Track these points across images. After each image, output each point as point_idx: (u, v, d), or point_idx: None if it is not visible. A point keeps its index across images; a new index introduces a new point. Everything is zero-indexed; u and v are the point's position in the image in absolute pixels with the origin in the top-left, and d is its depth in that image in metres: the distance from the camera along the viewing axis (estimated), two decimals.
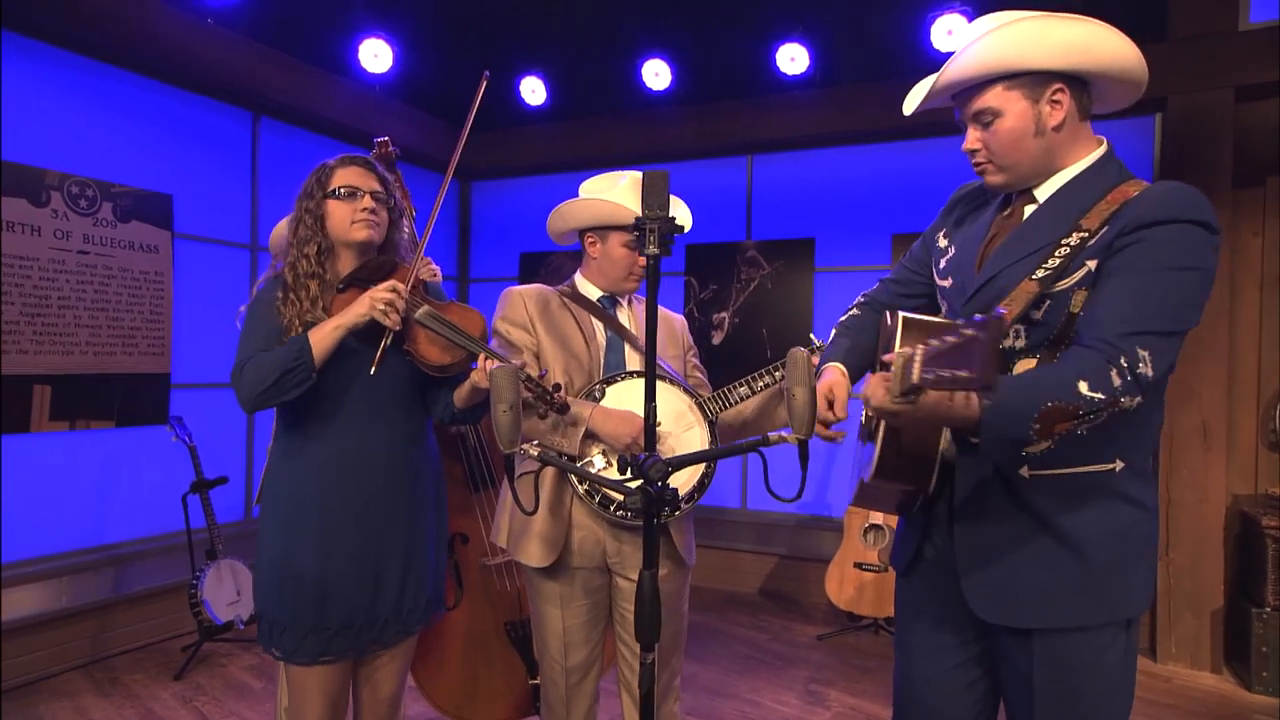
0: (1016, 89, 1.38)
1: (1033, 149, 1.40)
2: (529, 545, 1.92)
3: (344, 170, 1.82)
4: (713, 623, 4.21)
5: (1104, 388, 1.21)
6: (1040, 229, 1.41)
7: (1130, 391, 1.23)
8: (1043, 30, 1.35)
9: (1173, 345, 1.29)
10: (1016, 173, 1.44)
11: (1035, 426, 1.20)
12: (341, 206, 1.80)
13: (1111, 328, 1.26)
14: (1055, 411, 1.20)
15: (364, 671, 1.91)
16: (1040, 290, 1.34)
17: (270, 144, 4.33)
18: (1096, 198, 1.38)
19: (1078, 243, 1.35)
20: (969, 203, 1.63)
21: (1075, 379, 1.21)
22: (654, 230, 1.35)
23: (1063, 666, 1.39)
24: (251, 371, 1.73)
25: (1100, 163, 1.43)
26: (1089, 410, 1.22)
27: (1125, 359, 1.23)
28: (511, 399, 1.42)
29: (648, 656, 1.39)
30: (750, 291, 4.88)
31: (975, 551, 1.44)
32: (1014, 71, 1.37)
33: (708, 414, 1.97)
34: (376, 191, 1.84)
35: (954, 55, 1.40)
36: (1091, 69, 1.37)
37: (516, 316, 2.01)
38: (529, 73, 4.78)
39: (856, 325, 1.68)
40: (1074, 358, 1.26)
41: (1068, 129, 1.40)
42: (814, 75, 4.33)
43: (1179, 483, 3.77)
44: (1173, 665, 3.71)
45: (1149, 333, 1.25)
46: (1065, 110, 1.38)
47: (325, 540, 1.77)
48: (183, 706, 3.06)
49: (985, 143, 1.43)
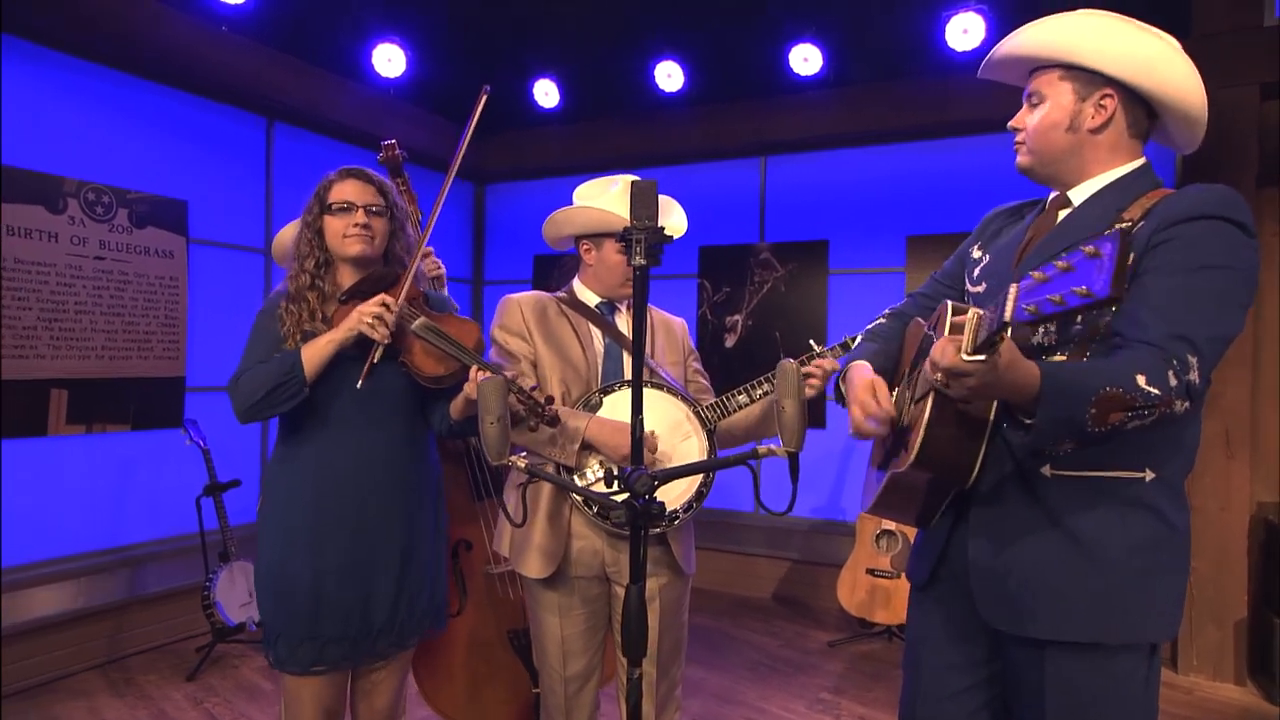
0: (1069, 81, 1.38)
1: (1060, 143, 1.40)
2: (529, 557, 1.91)
3: (341, 184, 1.83)
4: (725, 628, 4.18)
5: (1161, 385, 1.18)
6: (1077, 226, 1.39)
7: (1182, 395, 1.20)
8: (1112, 32, 1.34)
9: (1218, 352, 1.26)
10: (1040, 160, 1.44)
11: (1092, 410, 1.16)
12: (336, 221, 1.81)
13: (1158, 329, 1.23)
14: (1112, 398, 1.17)
15: (360, 684, 1.92)
16: None
17: (284, 148, 4.37)
18: (1135, 197, 1.37)
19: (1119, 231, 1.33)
20: (1006, 217, 1.63)
21: (1134, 371, 1.18)
22: (640, 241, 1.33)
23: (1077, 689, 1.34)
24: (246, 384, 1.75)
25: (1138, 172, 1.41)
26: (1145, 404, 1.18)
27: (1177, 361, 1.20)
28: (499, 411, 1.41)
29: (635, 671, 1.38)
30: (764, 294, 4.85)
31: (988, 552, 1.39)
32: (1069, 63, 1.37)
33: (705, 423, 1.94)
34: (372, 205, 1.83)
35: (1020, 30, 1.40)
36: (1147, 87, 1.35)
37: (513, 325, 2.00)
38: (542, 75, 4.78)
39: (884, 333, 1.65)
40: (1129, 354, 1.23)
41: (1107, 136, 1.39)
42: (827, 75, 4.28)
43: (1200, 490, 3.68)
44: (1194, 677, 3.63)
45: (1196, 337, 1.22)
46: (1108, 117, 1.37)
47: (318, 550, 1.77)
48: (194, 708, 3.09)
49: (1026, 123, 1.44)
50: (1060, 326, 1.36)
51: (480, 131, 6.06)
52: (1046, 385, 1.17)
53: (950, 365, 1.15)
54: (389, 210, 1.87)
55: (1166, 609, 1.34)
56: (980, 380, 1.14)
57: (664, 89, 4.57)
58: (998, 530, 1.39)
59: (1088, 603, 1.32)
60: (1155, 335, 1.22)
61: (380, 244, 1.85)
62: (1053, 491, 1.34)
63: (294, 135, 4.42)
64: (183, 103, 3.86)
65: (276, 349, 1.79)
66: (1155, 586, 1.33)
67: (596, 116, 5.15)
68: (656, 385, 1.95)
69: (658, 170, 5.21)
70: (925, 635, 1.55)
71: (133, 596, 3.59)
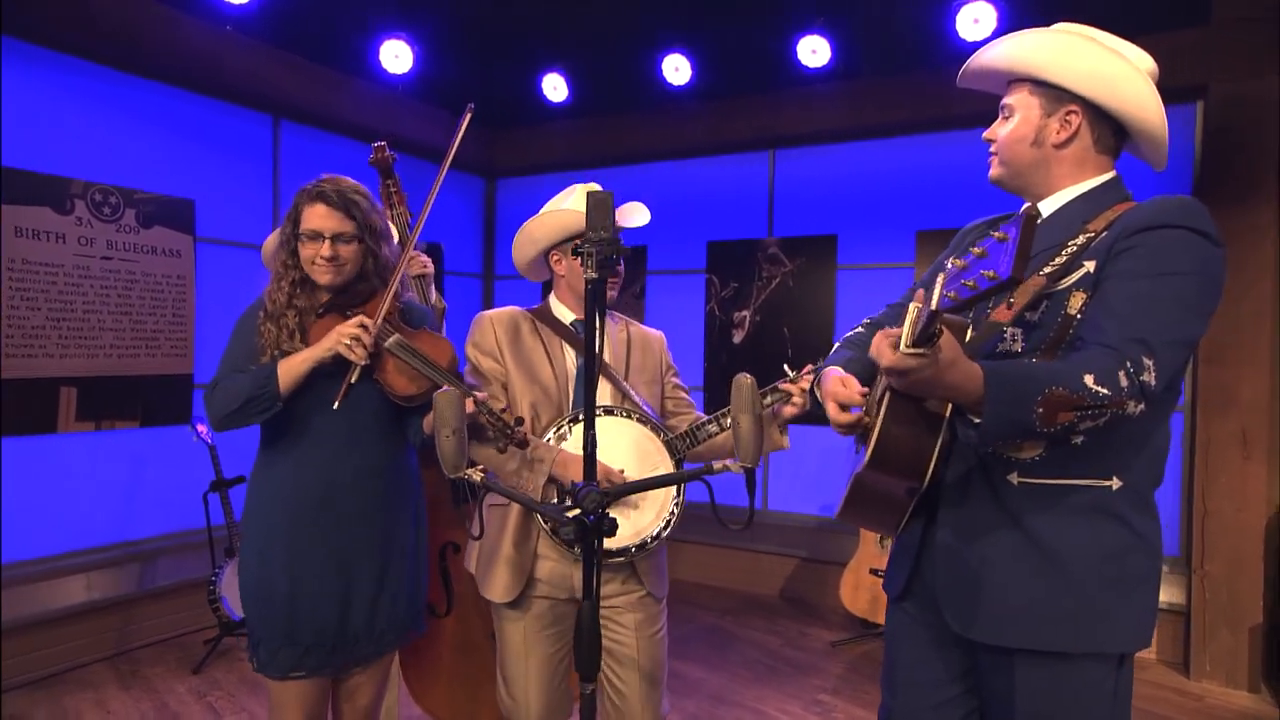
0: (1038, 96, 1.41)
1: (1026, 156, 1.43)
2: (494, 580, 1.90)
3: (311, 209, 1.79)
4: (728, 626, 4.17)
5: (1111, 385, 1.18)
6: (1045, 235, 1.40)
7: (1135, 396, 1.20)
8: (1078, 51, 1.36)
9: (1178, 356, 1.25)
10: (1009, 171, 1.47)
11: (1039, 410, 1.17)
12: (305, 248, 1.80)
13: (1115, 332, 1.23)
14: (1059, 398, 1.17)
15: (343, 688, 1.94)
16: (1045, 286, 1.32)
17: (292, 146, 4.40)
18: (1102, 209, 1.38)
19: (1083, 241, 1.34)
20: (980, 232, 1.63)
21: (1083, 371, 1.19)
22: (592, 253, 1.31)
23: (1045, 698, 1.35)
24: (221, 394, 1.77)
25: (1107, 185, 1.42)
26: (1094, 404, 1.18)
27: (1130, 363, 1.20)
28: (455, 424, 1.41)
29: (588, 687, 1.37)
30: (772, 289, 4.80)
31: (955, 561, 1.40)
32: (1037, 78, 1.39)
33: (675, 453, 1.91)
34: (341, 233, 1.79)
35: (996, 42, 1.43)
36: (1112, 106, 1.37)
37: (486, 344, 1.96)
38: (550, 69, 4.76)
39: (860, 341, 1.64)
40: (1081, 355, 1.24)
41: (1072, 151, 1.41)
42: (836, 68, 4.21)
43: (1216, 492, 3.59)
44: (1207, 683, 3.55)
45: (1152, 340, 1.22)
46: (1073, 133, 1.39)
47: (295, 559, 1.79)
48: (197, 701, 3.15)
49: (998, 134, 1.46)
50: (1026, 332, 1.36)
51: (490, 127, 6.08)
52: (991, 383, 1.17)
53: (889, 364, 1.15)
54: (359, 236, 1.82)
55: (1135, 619, 1.34)
56: (919, 375, 1.14)
57: (672, 82, 4.52)
58: (965, 538, 1.39)
59: (1054, 612, 1.32)
60: (1112, 338, 1.23)
61: (351, 270, 1.83)
62: (1020, 500, 1.35)
63: (301, 133, 4.45)
64: (189, 102, 3.90)
65: (254, 361, 1.80)
66: (1123, 597, 1.33)
67: (605, 111, 5.12)
68: (628, 412, 1.91)
69: (666, 164, 5.17)
70: (902, 648, 1.55)
71: (142, 590, 3.66)
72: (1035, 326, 1.35)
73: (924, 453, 1.29)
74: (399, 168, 2.47)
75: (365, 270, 1.85)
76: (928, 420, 1.29)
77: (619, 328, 2.09)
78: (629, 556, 1.84)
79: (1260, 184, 3.52)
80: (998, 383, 1.17)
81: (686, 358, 5.11)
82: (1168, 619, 3.79)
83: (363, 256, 1.83)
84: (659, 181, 5.22)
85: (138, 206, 3.64)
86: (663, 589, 1.99)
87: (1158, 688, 3.50)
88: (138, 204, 3.65)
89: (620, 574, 1.92)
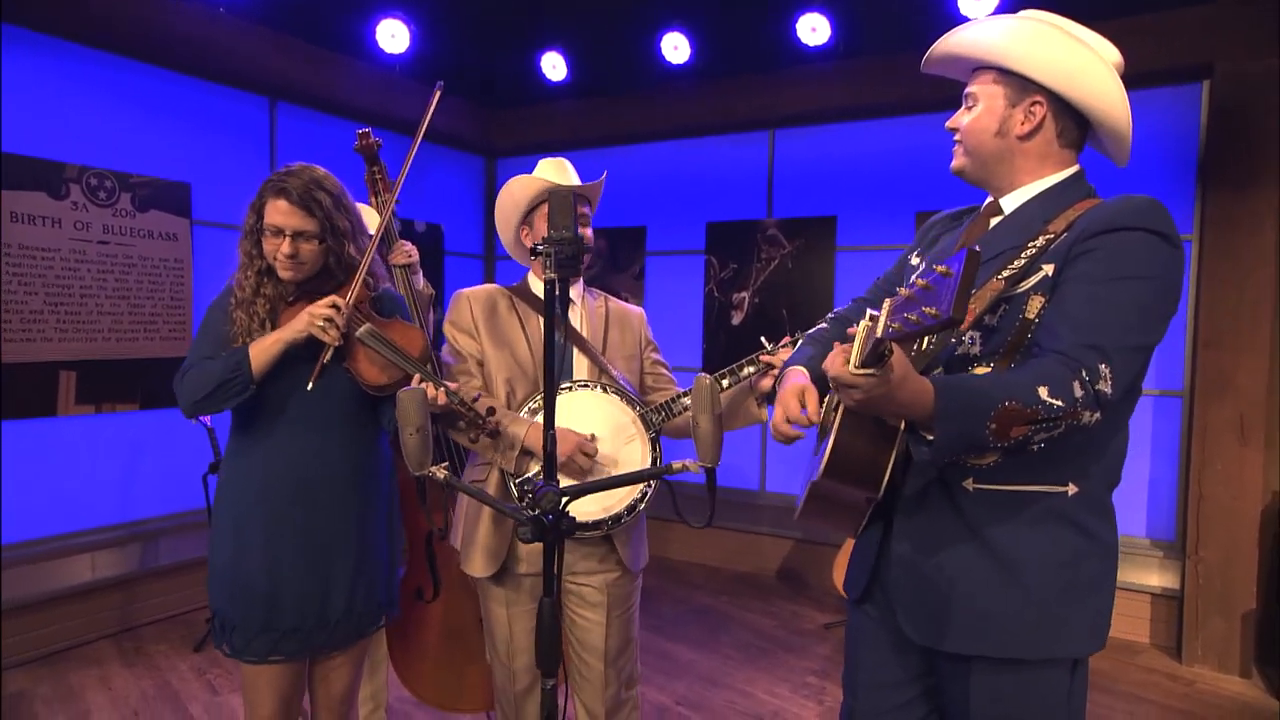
0: (1003, 85, 1.38)
1: (990, 147, 1.40)
2: (473, 556, 1.95)
3: (273, 205, 1.76)
4: (724, 607, 4.20)
5: (1065, 396, 1.17)
6: (1006, 235, 1.38)
7: (1090, 406, 1.19)
8: (1043, 40, 1.32)
9: (1134, 361, 1.24)
10: (972, 162, 1.44)
11: (991, 425, 1.16)
12: (267, 242, 1.79)
13: (1070, 338, 1.22)
14: (1012, 412, 1.16)
15: (318, 670, 1.97)
16: (1004, 290, 1.30)
17: (288, 128, 4.40)
18: (1063, 207, 1.36)
19: (1043, 244, 1.32)
20: (944, 225, 1.61)
21: (1036, 383, 1.17)
22: (550, 254, 1.31)
23: (1000, 703, 1.35)
24: (192, 379, 1.77)
25: (1070, 180, 1.40)
26: (1048, 416, 1.17)
27: (1086, 372, 1.19)
28: (419, 422, 1.41)
29: (548, 682, 1.39)
30: (771, 271, 4.78)
31: (911, 567, 1.39)
32: (1003, 67, 1.36)
33: (650, 426, 1.93)
34: (301, 230, 1.77)
35: (961, 28, 1.40)
36: (1074, 98, 1.34)
37: (462, 322, 2.01)
38: (549, 48, 4.72)
39: (824, 337, 1.64)
40: (1035, 364, 1.23)
41: (1036, 144, 1.38)
42: (836, 46, 4.15)
43: (1211, 478, 3.56)
44: (1199, 668, 3.55)
45: (1109, 347, 1.21)
46: (1037, 124, 1.37)
47: (271, 546, 1.81)
48: (197, 679, 3.22)
49: (961, 123, 1.44)
50: (985, 336, 1.35)
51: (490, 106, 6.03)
52: (942, 401, 1.16)
53: (837, 377, 1.14)
54: (320, 236, 1.79)
55: (1088, 625, 1.34)
56: (868, 394, 1.13)
57: (671, 61, 4.47)
58: (921, 544, 1.39)
59: (1010, 621, 1.32)
60: (1067, 344, 1.22)
61: (311, 267, 1.81)
62: (975, 506, 1.34)
63: (298, 115, 4.44)
64: (184, 85, 3.89)
65: (225, 347, 1.81)
66: (1077, 603, 1.32)
67: (604, 90, 5.07)
68: (604, 386, 1.94)
69: (665, 144, 5.14)
70: (863, 649, 1.55)
71: (144, 569, 3.73)
72: (994, 330, 1.33)
73: (879, 464, 1.29)
74: (397, 148, 2.46)
75: (328, 266, 1.84)
76: (883, 432, 1.28)
77: (598, 304, 2.12)
78: (604, 529, 1.86)
79: (1264, 167, 3.45)
80: (949, 399, 1.16)
81: (685, 339, 5.11)
82: (1162, 603, 3.79)
83: (324, 255, 1.82)
84: (658, 161, 5.18)
85: (134, 190, 3.66)
86: (639, 562, 2.03)
87: (1149, 672, 3.51)
88: (134, 188, 3.66)
89: (597, 550, 1.95)
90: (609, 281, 5.33)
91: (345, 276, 1.87)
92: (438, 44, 4.52)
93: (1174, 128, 3.80)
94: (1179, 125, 3.80)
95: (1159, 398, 3.86)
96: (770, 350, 1.91)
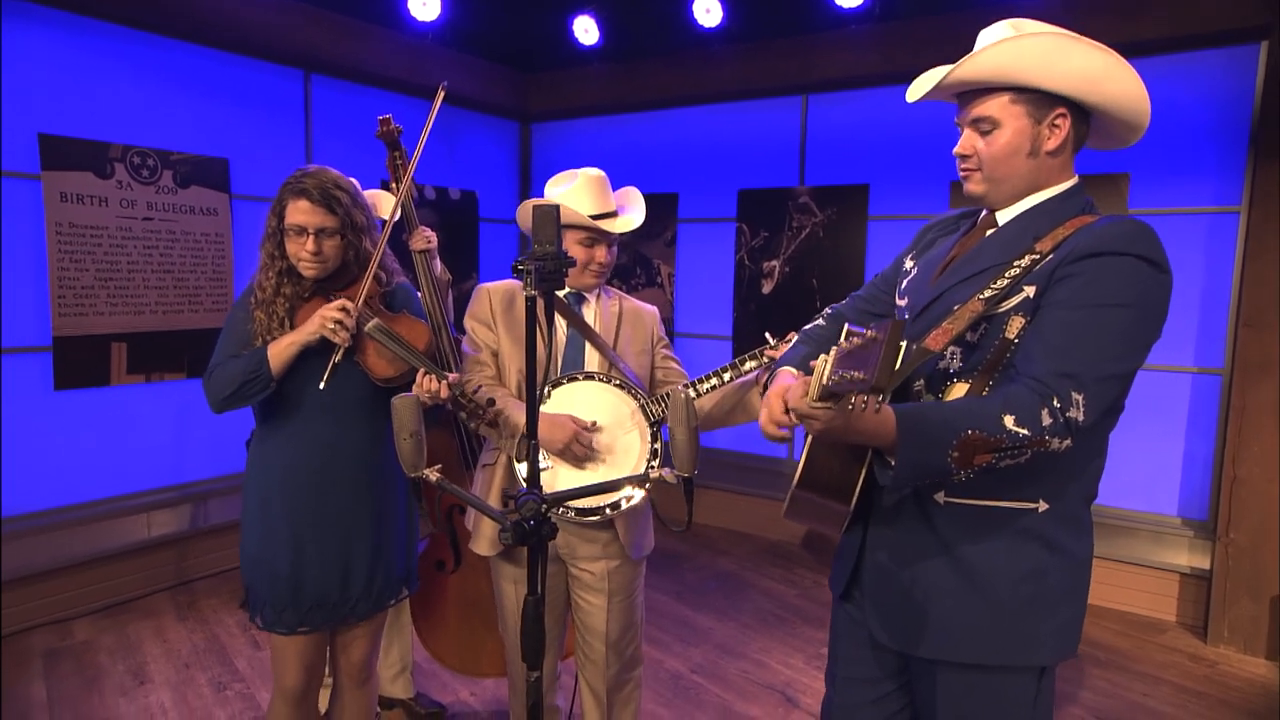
0: (1022, 104, 1.34)
1: (1022, 168, 1.37)
2: (479, 537, 2.05)
3: (295, 205, 1.85)
4: (746, 574, 4.29)
5: (1031, 425, 1.18)
6: (993, 251, 1.38)
7: (1059, 433, 1.20)
8: (1063, 51, 1.29)
9: (1111, 389, 1.24)
10: (1000, 189, 1.40)
11: (954, 454, 1.18)
12: (290, 243, 1.87)
13: (1044, 364, 1.23)
14: (976, 441, 1.18)
15: (340, 640, 2.10)
16: (984, 310, 1.31)
17: (323, 99, 4.47)
18: (1055, 224, 1.34)
19: (1028, 263, 1.31)
20: (941, 229, 1.60)
21: (1003, 411, 1.19)
22: (530, 272, 1.35)
23: (966, 706, 1.40)
24: (217, 379, 1.89)
25: (1068, 192, 1.38)
26: (1012, 445, 1.19)
27: (1057, 399, 1.20)
28: (413, 427, 1.49)
29: (532, 675, 1.47)
30: (802, 239, 4.73)
31: (885, 575, 1.44)
32: (1024, 85, 1.33)
33: (650, 417, 1.98)
34: (324, 228, 1.86)
35: (970, 54, 1.35)
36: (1098, 102, 1.33)
37: (480, 314, 2.09)
38: (581, 11, 4.68)
39: (818, 336, 1.66)
40: (1005, 391, 1.24)
41: (1060, 157, 1.37)
42: (872, 8, 4.03)
43: (1247, 459, 3.48)
44: (1224, 649, 3.52)
45: (1084, 375, 1.21)
46: (1063, 137, 1.35)
47: (294, 531, 1.93)
48: (242, 634, 3.44)
49: (978, 150, 1.39)
50: (965, 353, 1.36)
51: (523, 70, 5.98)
52: (904, 431, 1.18)
53: (794, 408, 1.17)
54: (341, 231, 1.88)
55: (1056, 635, 1.36)
56: (826, 425, 1.16)
57: (703, 24, 4.40)
58: (892, 552, 1.43)
59: (973, 629, 1.36)
60: (1041, 370, 1.22)
61: (333, 263, 1.90)
62: (945, 518, 1.37)
63: (332, 85, 4.51)
64: (219, 61, 3.98)
65: (246, 346, 1.91)
66: (1044, 615, 1.35)
67: (636, 54, 5.02)
68: (609, 379, 2.00)
69: (697, 109, 5.08)
70: (843, 644, 1.61)
71: (194, 529, 3.96)
72: (974, 347, 1.34)
73: (849, 480, 1.32)
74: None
75: (346, 260, 1.93)
76: (854, 451, 1.31)
77: (612, 301, 2.17)
78: (603, 516, 1.94)
79: None
80: (910, 430, 1.17)
81: (716, 307, 5.12)
82: (1190, 583, 3.75)
83: (345, 250, 1.91)
84: (691, 127, 5.13)
85: (174, 167, 3.79)
86: (642, 549, 2.10)
87: (1171, 652, 3.50)
88: (174, 165, 3.79)
89: (600, 537, 2.03)
90: (641, 249, 5.34)
91: (361, 271, 1.96)
92: (468, 10, 4.51)
93: (1226, 94, 3.62)
94: (1232, 91, 3.61)
95: (1198, 375, 3.76)
96: (773, 345, 1.94)
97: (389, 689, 2.77)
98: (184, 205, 3.83)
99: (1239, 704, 3.09)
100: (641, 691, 2.23)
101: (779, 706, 2.97)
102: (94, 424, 3.65)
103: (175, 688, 3.02)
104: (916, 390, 1.42)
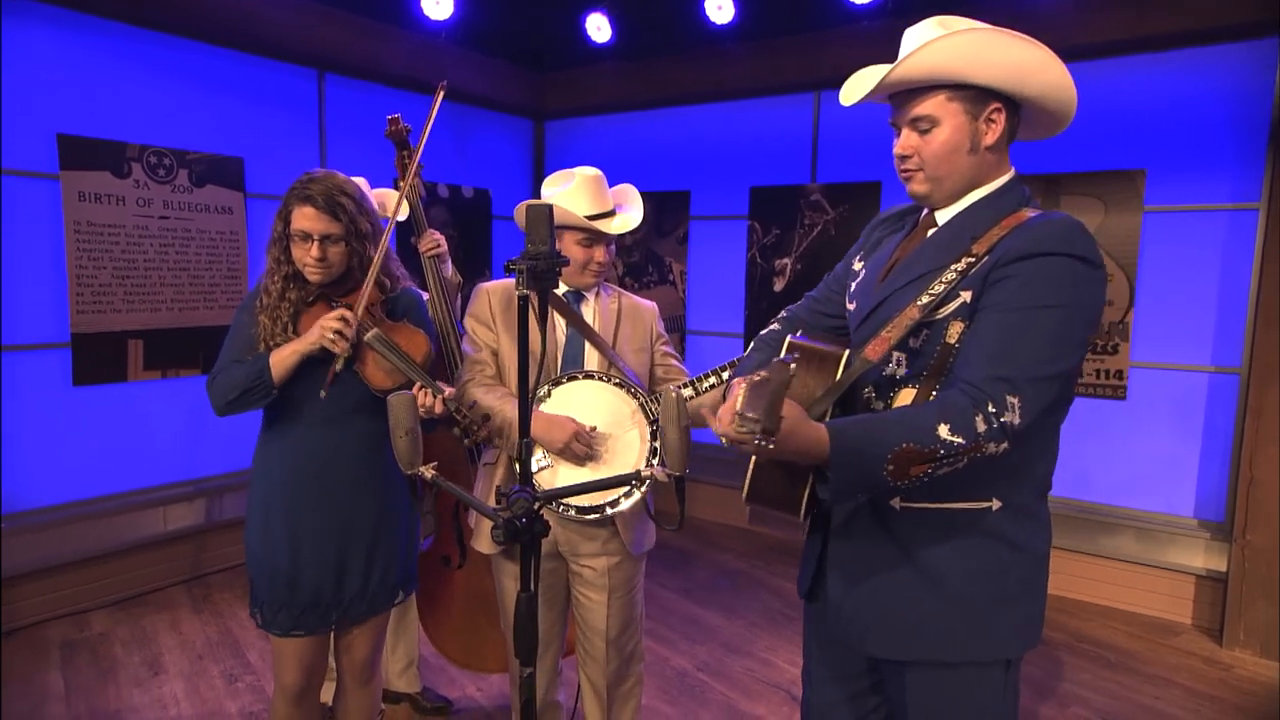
0: (958, 100, 1.35)
1: (964, 165, 1.37)
2: (480, 536, 2.06)
3: (300, 211, 1.86)
4: (756, 572, 4.28)
5: (965, 432, 1.19)
6: (931, 254, 1.39)
7: (995, 439, 1.21)
8: (994, 46, 1.30)
9: (1047, 391, 1.25)
10: (943, 187, 1.40)
11: (889, 467, 1.20)
12: (295, 248, 1.89)
13: (980, 369, 1.24)
14: (910, 453, 1.19)
15: (341, 640, 2.13)
16: (920, 318, 1.32)
17: (337, 98, 4.51)
18: (991, 223, 1.35)
19: (964, 267, 1.32)
20: (887, 226, 1.60)
21: (937, 421, 1.20)
22: (523, 270, 1.36)
23: (934, 701, 1.41)
24: (221, 384, 1.92)
25: (1004, 188, 1.39)
26: (948, 454, 1.20)
27: (992, 405, 1.20)
28: (409, 425, 1.51)
29: (525, 671, 1.49)
30: (814, 237, 4.71)
31: (846, 579, 1.46)
32: (959, 82, 1.33)
33: (649, 415, 1.99)
34: (328, 234, 1.87)
35: (902, 56, 1.35)
36: (1029, 94, 1.34)
37: (480, 314, 2.11)
38: (593, 9, 4.69)
39: (775, 341, 1.65)
40: (941, 399, 1.25)
41: (997, 152, 1.38)
42: (885, 4, 4.01)
43: (1264, 460, 3.43)
44: (1239, 651, 3.47)
45: (1020, 379, 1.21)
46: (1000, 131, 1.36)
47: (293, 534, 1.95)
48: (255, 627, 3.47)
49: (919, 150, 1.38)
50: (910, 358, 1.37)
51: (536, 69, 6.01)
52: (836, 449, 1.19)
53: (724, 434, 1.18)
54: (345, 238, 1.89)
55: (1017, 628, 1.38)
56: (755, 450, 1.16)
57: (715, 21, 4.40)
58: (852, 556, 1.45)
59: (935, 629, 1.37)
60: (976, 375, 1.23)
61: (338, 269, 1.92)
62: (902, 523, 1.39)
63: (346, 84, 4.55)
64: (235, 61, 4.03)
65: (250, 350, 1.94)
66: (1005, 609, 1.37)
67: (649, 52, 5.02)
68: (608, 378, 2.00)
69: (709, 106, 5.07)
70: (814, 644, 1.62)
71: (209, 523, 4.02)
72: (917, 353, 1.35)
73: (795, 493, 1.34)
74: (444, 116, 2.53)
75: (351, 266, 1.94)
76: (792, 469, 1.32)
77: (611, 299, 2.17)
78: (602, 514, 1.94)
79: None
80: (842, 448, 1.19)
81: (728, 304, 5.11)
82: (1206, 585, 3.70)
83: (349, 256, 1.92)
84: (702, 124, 5.13)
85: (190, 167, 3.84)
86: (643, 545, 2.11)
87: (1185, 654, 3.45)
88: (190, 164, 3.84)
89: (600, 534, 2.04)
90: (653, 246, 5.34)
91: (365, 277, 1.97)
92: (481, 9, 4.54)
93: (1244, 88, 3.56)
94: (1250, 85, 3.55)
95: (1214, 375, 3.71)
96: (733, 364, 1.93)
97: (395, 683, 2.80)
98: (200, 204, 3.88)
99: (1252, 709, 3.04)
100: (643, 687, 2.24)
101: (784, 705, 2.96)
102: (111, 419, 3.71)
103: (188, 679, 3.07)
104: (866, 397, 1.42)
